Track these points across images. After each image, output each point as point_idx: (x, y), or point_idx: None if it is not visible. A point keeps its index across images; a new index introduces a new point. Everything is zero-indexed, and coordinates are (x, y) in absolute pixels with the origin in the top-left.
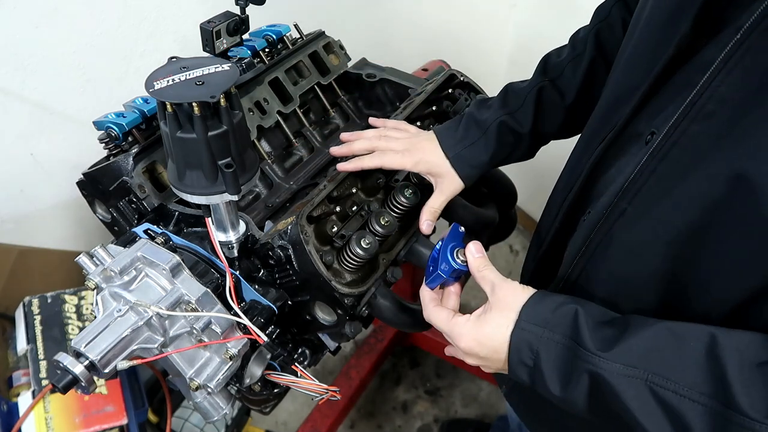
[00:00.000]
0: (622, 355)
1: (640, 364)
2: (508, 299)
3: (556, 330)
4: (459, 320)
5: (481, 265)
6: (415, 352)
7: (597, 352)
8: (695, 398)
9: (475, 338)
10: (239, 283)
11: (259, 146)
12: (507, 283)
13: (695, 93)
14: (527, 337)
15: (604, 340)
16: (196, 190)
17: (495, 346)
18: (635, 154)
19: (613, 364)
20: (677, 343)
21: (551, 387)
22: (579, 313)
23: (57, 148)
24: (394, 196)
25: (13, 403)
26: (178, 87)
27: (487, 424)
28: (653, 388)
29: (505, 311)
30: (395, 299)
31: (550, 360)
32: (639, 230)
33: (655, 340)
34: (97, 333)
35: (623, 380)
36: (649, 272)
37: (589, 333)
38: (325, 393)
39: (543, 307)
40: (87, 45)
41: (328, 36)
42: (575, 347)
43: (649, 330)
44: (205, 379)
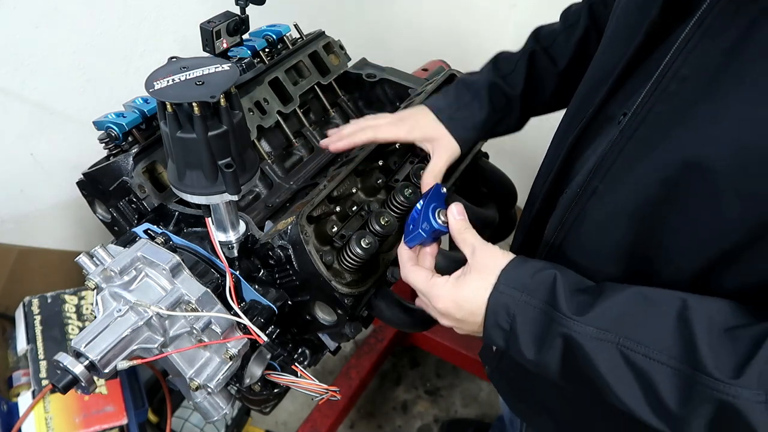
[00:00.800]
0: (595, 319)
1: (612, 328)
2: (488, 262)
3: (534, 294)
4: (437, 281)
5: (462, 227)
6: (415, 352)
7: (572, 315)
8: (664, 360)
9: (453, 299)
10: (239, 283)
11: (259, 146)
12: (487, 247)
13: (659, 73)
14: (505, 300)
15: (579, 305)
16: (196, 190)
17: (472, 308)
18: (609, 134)
19: (586, 327)
20: (649, 307)
21: (525, 351)
22: (557, 279)
23: (57, 148)
24: (394, 196)
25: (13, 403)
26: (178, 87)
27: (487, 424)
28: (624, 351)
29: (484, 274)
30: (395, 299)
31: (526, 323)
32: (607, 206)
33: (628, 304)
34: (97, 333)
35: (595, 343)
36: (615, 245)
37: (565, 298)
38: (325, 393)
39: (522, 272)
40: (87, 45)
41: (328, 36)
42: (551, 311)
43: (622, 295)
44: (205, 379)
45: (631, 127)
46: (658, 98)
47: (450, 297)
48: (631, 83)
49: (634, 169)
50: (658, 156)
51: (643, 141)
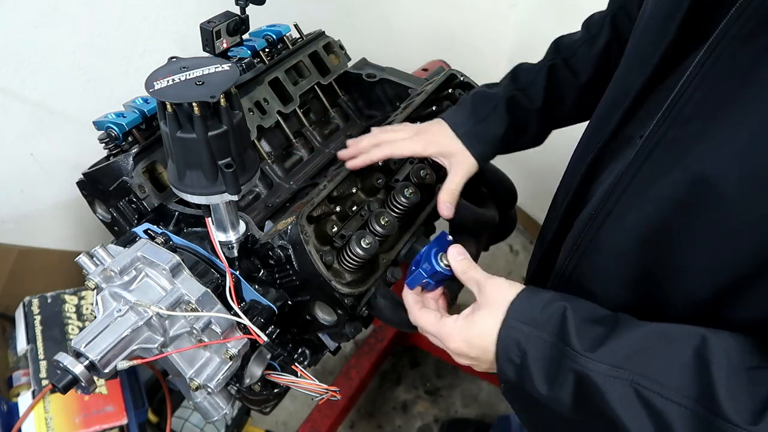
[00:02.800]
0: (608, 356)
1: (626, 365)
2: (496, 297)
3: (543, 328)
4: (447, 321)
5: (465, 266)
6: (415, 352)
7: (583, 352)
8: (679, 401)
9: (464, 339)
10: (239, 283)
11: (259, 146)
12: (492, 281)
13: (673, 96)
14: (515, 335)
15: (591, 340)
16: (196, 190)
17: (484, 345)
18: (625, 156)
19: (598, 365)
20: (664, 344)
21: (538, 385)
22: (567, 311)
23: (57, 148)
24: (394, 196)
25: (13, 403)
26: (178, 87)
27: (487, 424)
28: (638, 390)
29: (492, 309)
30: (395, 299)
31: (537, 358)
32: (620, 230)
33: (642, 341)
34: (97, 333)
35: (608, 381)
36: (627, 270)
37: (575, 332)
38: (325, 393)
39: (531, 305)
40: (87, 45)
41: (328, 36)
42: (562, 346)
43: (637, 330)
44: (205, 379)
45: (645, 149)
46: (673, 122)
47: (461, 336)
48: (649, 105)
49: (645, 193)
50: (670, 179)
51: (657, 164)
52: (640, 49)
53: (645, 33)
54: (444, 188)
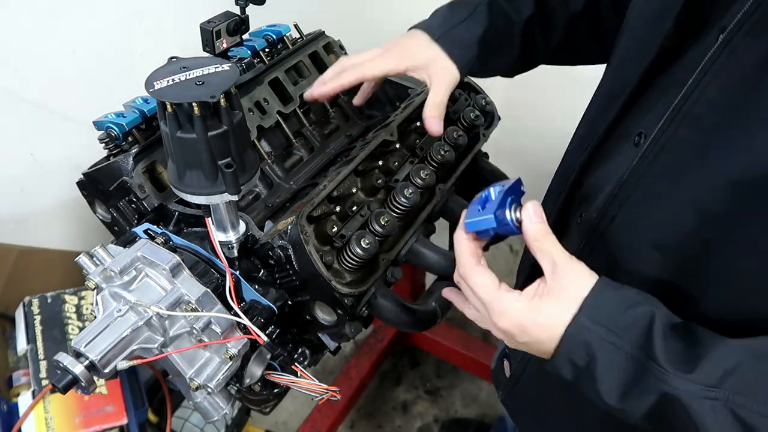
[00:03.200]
0: (703, 375)
1: (723, 384)
2: (571, 286)
3: (624, 336)
4: (506, 296)
5: (540, 233)
6: (415, 352)
7: (674, 371)
8: None
9: (520, 324)
10: (239, 283)
11: (259, 146)
12: (571, 265)
13: (682, 95)
14: (586, 337)
15: (681, 356)
16: (196, 190)
17: (541, 337)
18: (624, 155)
19: (693, 386)
20: (757, 359)
21: (604, 395)
22: (655, 320)
23: (57, 148)
24: (394, 196)
25: (13, 403)
26: (178, 87)
27: (487, 424)
28: (735, 411)
29: (564, 300)
30: (395, 299)
31: (611, 368)
32: (628, 236)
33: (734, 357)
34: (97, 333)
35: (702, 403)
36: (641, 279)
37: (663, 347)
38: (325, 393)
39: (612, 304)
40: (87, 45)
41: (328, 36)
42: (646, 360)
43: (727, 347)
44: (205, 379)
45: (651, 152)
46: (681, 122)
47: (518, 319)
48: (646, 99)
49: (660, 198)
50: (685, 185)
51: (667, 168)
52: (633, 43)
53: (638, 26)
54: (428, 103)
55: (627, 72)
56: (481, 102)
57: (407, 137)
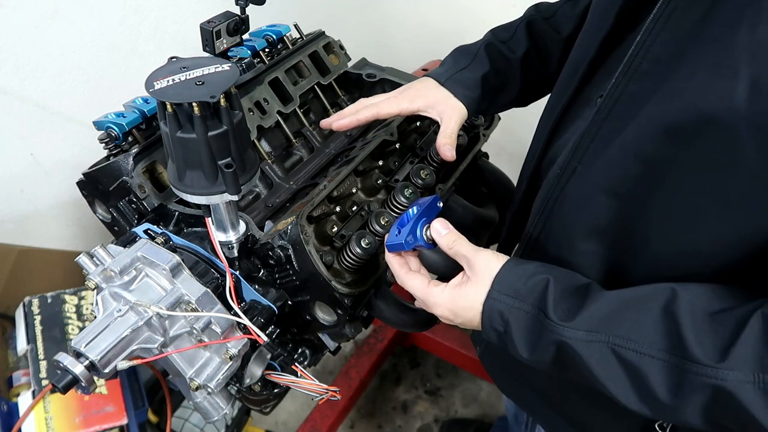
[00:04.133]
0: (583, 323)
1: (601, 329)
2: (483, 271)
3: (525, 300)
4: (434, 291)
5: (451, 242)
6: (415, 352)
7: (560, 322)
8: (653, 354)
9: (451, 309)
10: (239, 283)
11: (259, 146)
12: (480, 255)
13: (630, 53)
14: (498, 307)
15: (567, 310)
16: (196, 190)
17: (469, 316)
18: (586, 116)
19: (575, 332)
20: (635, 305)
21: (520, 351)
22: (549, 284)
23: (57, 148)
24: (394, 196)
25: (13, 403)
26: (178, 87)
27: (487, 424)
28: (615, 350)
29: (479, 284)
30: (395, 299)
31: (519, 328)
32: (585, 185)
33: (614, 304)
34: (97, 333)
35: (586, 345)
36: (593, 224)
37: (554, 304)
38: (325, 393)
39: (514, 277)
40: (87, 45)
41: (328, 36)
42: (542, 317)
43: (608, 296)
44: (205, 379)
45: (606, 107)
46: (631, 78)
47: (447, 306)
48: (607, 66)
49: (609, 147)
50: (629, 133)
51: (618, 119)
52: (595, 15)
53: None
54: (441, 133)
55: (588, 44)
56: None
57: (407, 137)
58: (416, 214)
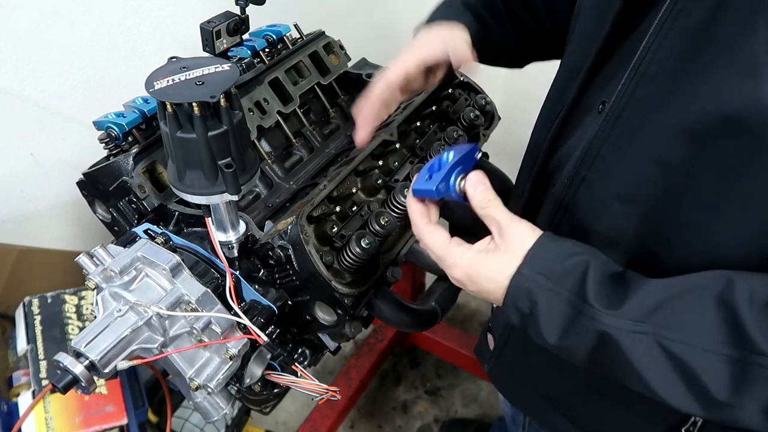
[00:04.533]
0: (630, 311)
1: (649, 319)
2: (515, 243)
3: (561, 283)
4: (455, 250)
5: (484, 201)
6: (415, 352)
7: (604, 309)
8: (709, 347)
9: (468, 274)
10: (239, 283)
11: (259, 146)
12: (514, 225)
13: (637, 58)
14: (528, 285)
15: (611, 297)
16: (196, 190)
17: (490, 288)
18: (590, 124)
19: (622, 321)
20: (685, 294)
21: (546, 336)
22: (589, 268)
23: (57, 148)
24: (394, 196)
25: (13, 403)
26: (178, 87)
27: (487, 424)
28: (662, 342)
29: (509, 256)
30: (395, 299)
31: (550, 312)
32: (599, 192)
33: (662, 293)
34: (97, 333)
35: (631, 337)
36: (610, 231)
37: (596, 290)
38: (325, 393)
39: (551, 254)
40: (87, 45)
41: (328, 36)
42: (580, 303)
43: (654, 284)
44: (205, 379)
45: (614, 113)
46: (639, 82)
47: (465, 270)
48: (605, 72)
49: (624, 153)
50: (645, 138)
51: (628, 125)
52: (590, 22)
53: (592, 6)
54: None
55: (584, 49)
56: (481, 102)
57: (407, 137)
58: (452, 160)
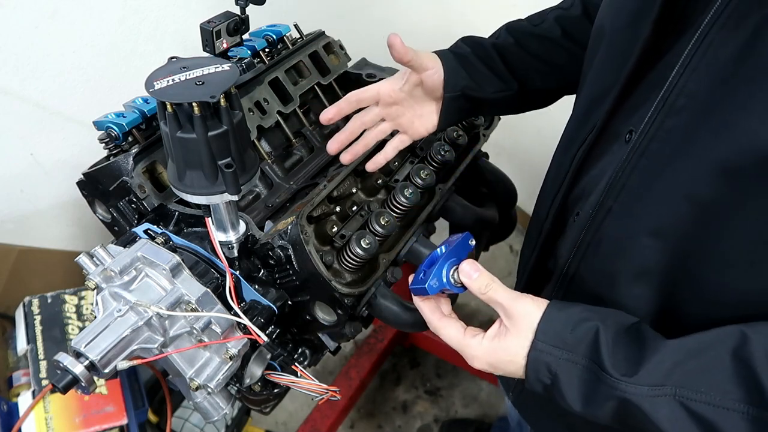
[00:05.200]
0: (647, 377)
1: (667, 381)
2: (523, 322)
3: (575, 351)
4: (472, 342)
5: (483, 286)
6: (415, 352)
7: (621, 377)
8: (728, 405)
9: (490, 363)
10: (239, 283)
11: (259, 146)
12: (517, 303)
13: (665, 89)
14: (545, 359)
15: (626, 362)
16: (196, 190)
17: (510, 369)
18: (616, 152)
19: (640, 388)
20: (701, 353)
21: (571, 404)
22: (600, 333)
23: (57, 148)
24: (394, 196)
25: (13, 403)
26: (178, 87)
27: (487, 424)
28: (684, 403)
29: (521, 336)
30: (395, 299)
31: (571, 381)
32: (626, 226)
33: (678, 353)
34: (97, 333)
35: (651, 401)
36: (638, 266)
37: (610, 357)
38: (325, 393)
39: (560, 325)
40: (87, 45)
41: (328, 36)
42: (597, 370)
43: (670, 345)
44: (205, 379)
45: (641, 144)
46: (667, 114)
47: (486, 360)
48: (633, 100)
49: (653, 186)
50: (676, 171)
51: (657, 157)
52: (613, 50)
53: (616, 30)
54: None
55: (607, 77)
56: None
57: None
58: (442, 254)
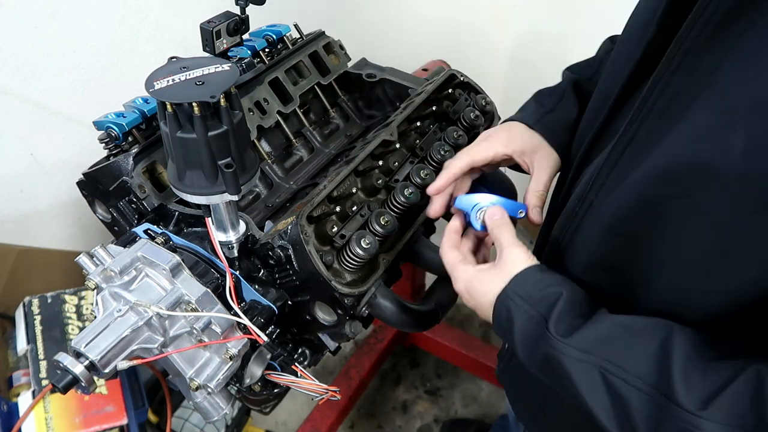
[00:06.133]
0: (578, 341)
1: (595, 351)
2: (507, 267)
3: (535, 306)
4: (462, 267)
5: (495, 224)
6: (415, 352)
7: (556, 336)
8: (640, 387)
9: (467, 288)
10: (239, 283)
11: (259, 146)
12: (512, 249)
13: (647, 90)
14: (508, 304)
15: (567, 326)
16: (196, 190)
17: (482, 302)
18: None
19: (569, 349)
20: (633, 334)
21: (518, 351)
22: (560, 299)
23: (57, 148)
24: (394, 196)
25: (13, 403)
26: (178, 87)
27: (487, 424)
28: (604, 374)
29: (501, 274)
30: (395, 299)
31: (521, 329)
32: (596, 221)
33: (613, 330)
34: (97, 333)
35: (578, 364)
36: (597, 259)
37: (556, 319)
38: (325, 393)
39: (533, 282)
40: (87, 45)
41: (328, 36)
42: (543, 326)
43: (609, 320)
44: (205, 379)
45: (621, 144)
46: (647, 116)
47: (465, 284)
48: (632, 101)
49: (620, 187)
50: (636, 172)
51: (630, 158)
52: (626, 45)
53: (631, 28)
54: (532, 191)
55: (616, 77)
56: (481, 102)
57: (407, 137)
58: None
